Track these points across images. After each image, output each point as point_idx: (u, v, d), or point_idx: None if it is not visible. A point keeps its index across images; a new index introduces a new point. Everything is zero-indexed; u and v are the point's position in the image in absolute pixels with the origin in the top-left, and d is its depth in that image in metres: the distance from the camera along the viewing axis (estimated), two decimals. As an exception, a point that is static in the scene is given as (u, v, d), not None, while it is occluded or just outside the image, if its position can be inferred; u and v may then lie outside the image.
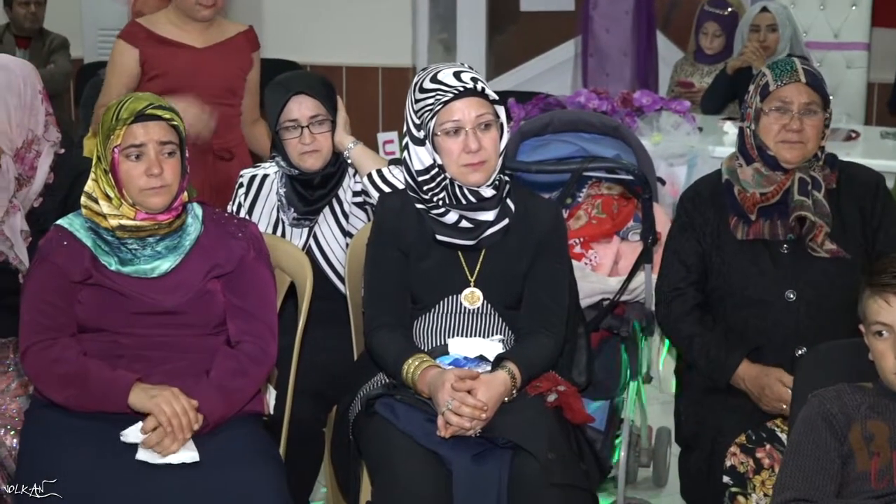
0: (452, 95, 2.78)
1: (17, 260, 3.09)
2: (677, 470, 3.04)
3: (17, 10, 6.54)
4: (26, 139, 3.05)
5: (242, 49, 3.84)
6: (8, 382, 3.02)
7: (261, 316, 2.79)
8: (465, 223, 2.85)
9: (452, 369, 2.72)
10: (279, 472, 2.65)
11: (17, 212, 3.05)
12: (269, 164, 3.35)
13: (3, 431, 2.91)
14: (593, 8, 6.05)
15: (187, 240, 2.77)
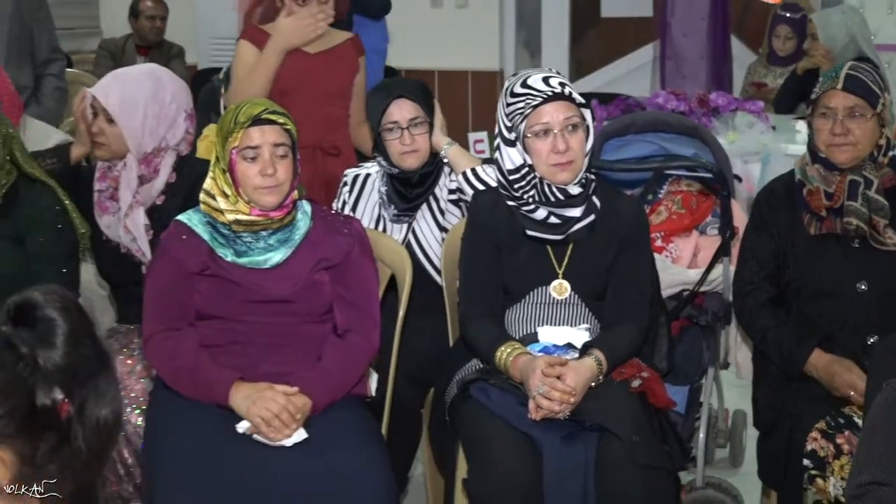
0: (542, 99, 2.76)
1: (139, 252, 3.14)
2: (755, 452, 3.01)
3: (142, 23, 6.64)
4: (157, 146, 3.10)
5: (349, 55, 3.85)
6: (133, 365, 3.07)
7: (365, 307, 2.79)
8: (553, 219, 2.83)
9: (543, 356, 2.71)
10: (383, 450, 2.67)
11: (140, 207, 3.11)
12: (371, 164, 3.36)
13: (129, 410, 2.96)
14: (671, 14, 5.98)
15: (297, 234, 2.79)
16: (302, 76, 3.71)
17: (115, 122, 3.08)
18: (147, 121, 3.10)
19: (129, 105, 3.09)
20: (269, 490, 2.47)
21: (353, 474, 2.51)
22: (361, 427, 2.70)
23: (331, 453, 2.55)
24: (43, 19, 4.35)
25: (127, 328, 3.24)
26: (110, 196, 3.13)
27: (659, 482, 2.60)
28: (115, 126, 3.08)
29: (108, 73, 3.30)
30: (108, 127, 3.08)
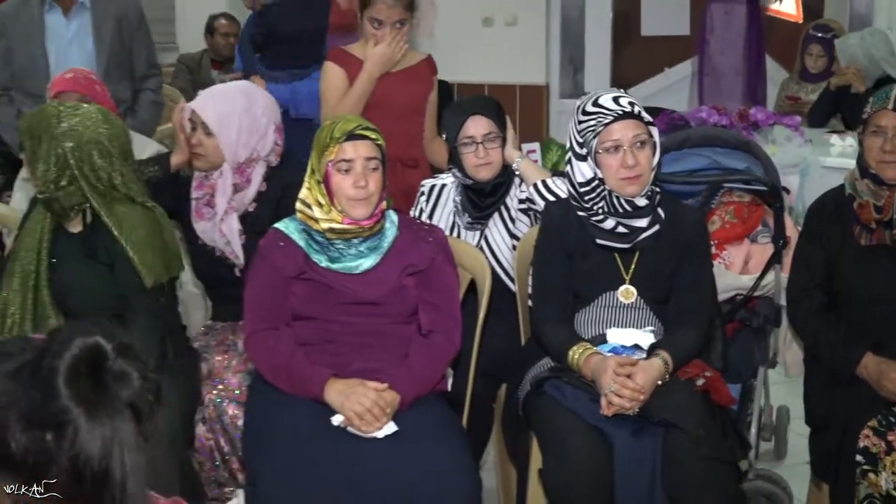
0: (612, 118, 2.79)
1: (233, 255, 3.19)
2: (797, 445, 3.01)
3: (217, 40, 6.71)
4: (249, 157, 3.15)
5: (424, 74, 3.88)
6: (229, 360, 3.11)
7: (447, 309, 2.82)
8: (621, 229, 2.85)
9: (613, 356, 2.73)
10: (465, 442, 2.70)
11: (234, 214, 3.16)
12: (446, 175, 3.38)
13: (226, 402, 3.00)
14: (710, 33, 5.98)
15: (385, 242, 2.82)
16: (383, 94, 3.74)
17: (213, 135, 3.12)
18: (241, 133, 3.15)
19: (225, 119, 3.14)
20: (363, 477, 2.50)
21: (440, 463, 2.54)
22: (445, 420, 2.73)
23: (419, 444, 2.57)
24: (142, 38, 4.40)
25: (222, 325, 3.29)
26: (206, 203, 3.18)
27: (722, 473, 2.62)
28: (212, 138, 3.12)
29: (205, 90, 3.34)
30: (206, 139, 3.13)
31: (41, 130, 2.85)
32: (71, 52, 4.27)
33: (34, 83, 4.19)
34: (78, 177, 2.84)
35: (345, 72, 3.78)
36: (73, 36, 4.29)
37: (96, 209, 2.86)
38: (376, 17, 3.69)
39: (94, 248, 2.90)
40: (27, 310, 2.88)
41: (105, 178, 2.86)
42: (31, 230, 2.95)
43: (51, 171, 2.84)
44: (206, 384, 3.03)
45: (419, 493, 2.49)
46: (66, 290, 2.89)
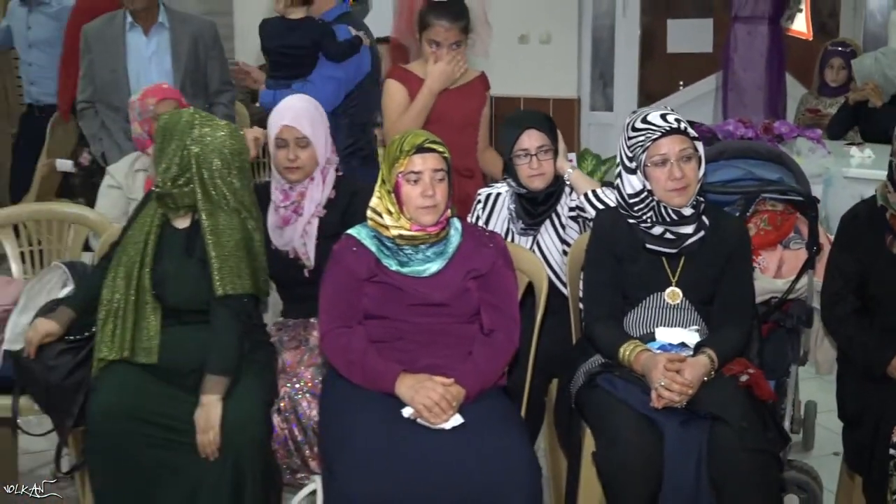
0: (660, 133, 2.81)
1: (305, 256, 3.21)
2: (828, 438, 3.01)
3: None
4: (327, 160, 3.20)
5: (479, 90, 3.91)
6: (302, 355, 3.13)
7: (507, 310, 2.84)
8: (668, 235, 2.87)
9: (662, 353, 2.75)
10: (525, 433, 2.73)
11: (316, 218, 3.18)
12: (501, 185, 3.41)
13: (300, 395, 3.03)
14: (734, 51, 5.96)
15: (450, 247, 2.85)
16: (441, 109, 3.76)
17: (310, 145, 3.16)
18: (326, 138, 3.23)
19: (316, 125, 3.20)
20: (432, 466, 2.52)
21: (504, 453, 2.56)
22: (506, 413, 2.76)
23: (483, 435, 2.60)
24: (216, 56, 4.44)
25: (293, 322, 3.31)
26: (294, 210, 3.20)
27: (763, 463, 2.62)
28: (308, 149, 3.16)
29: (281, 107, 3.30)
30: (302, 152, 3.16)
31: (174, 131, 2.90)
32: (150, 69, 4.32)
33: (116, 97, 4.26)
34: (195, 179, 2.88)
35: (405, 88, 3.80)
36: (152, 53, 4.34)
37: (200, 210, 2.90)
38: (434, 39, 3.72)
39: (194, 246, 2.93)
40: (130, 296, 2.91)
41: (220, 185, 2.90)
42: (141, 223, 2.99)
43: (172, 169, 2.89)
44: (282, 378, 3.06)
45: (485, 480, 2.51)
46: (164, 280, 2.92)
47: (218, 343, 2.86)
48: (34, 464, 3.73)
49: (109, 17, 4.44)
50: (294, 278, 3.27)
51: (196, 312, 2.92)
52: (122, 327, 2.90)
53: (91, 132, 4.34)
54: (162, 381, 2.88)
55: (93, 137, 4.33)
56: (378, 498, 2.47)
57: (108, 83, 4.28)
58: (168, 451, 2.80)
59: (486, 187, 3.45)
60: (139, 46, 4.33)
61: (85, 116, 4.35)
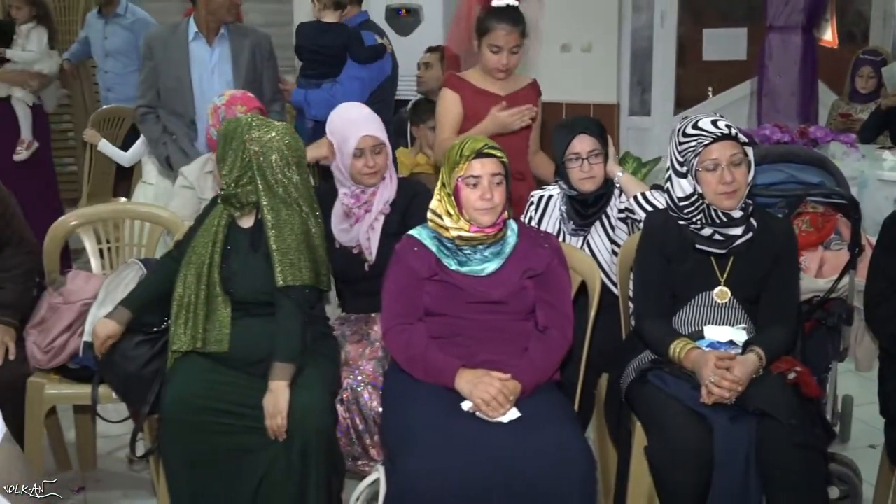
0: (712, 139, 2.71)
1: (368, 251, 3.15)
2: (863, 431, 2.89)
3: None
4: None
5: (531, 96, 3.80)
6: (364, 348, 3.08)
7: (561, 308, 2.76)
8: (717, 236, 2.77)
9: (712, 351, 2.66)
10: (578, 426, 2.65)
11: (382, 216, 3.13)
12: (552, 187, 3.32)
13: (362, 386, 2.97)
14: (769, 59, 5.83)
15: (507, 247, 2.77)
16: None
17: (385, 149, 3.12)
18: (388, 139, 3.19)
19: (382, 129, 3.16)
20: (491, 457, 2.45)
21: (560, 445, 2.48)
22: (561, 407, 2.68)
23: (540, 429, 2.52)
24: (271, 66, 4.39)
25: (355, 316, 3.26)
26: (366, 210, 3.14)
27: (811, 459, 2.53)
28: (383, 153, 3.12)
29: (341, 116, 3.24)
30: (378, 156, 3.11)
31: (234, 134, 2.87)
32: (213, 78, 4.27)
33: (179, 104, 4.21)
34: (257, 177, 2.84)
35: (459, 96, 3.72)
36: (215, 63, 4.28)
37: (263, 207, 2.86)
38: (495, 44, 3.61)
39: (259, 242, 2.89)
40: (200, 292, 2.87)
41: (281, 179, 2.85)
42: (209, 224, 2.95)
43: (235, 170, 2.85)
44: (344, 370, 3.00)
45: (541, 472, 2.44)
46: (232, 276, 2.89)
47: (282, 331, 2.82)
48: (111, 447, 3.72)
49: (172, 26, 4.39)
50: (356, 274, 3.21)
51: (263, 304, 2.88)
52: (194, 321, 2.87)
53: (153, 136, 4.27)
54: (232, 369, 2.85)
55: (155, 142, 4.27)
56: (439, 488, 2.40)
57: (172, 90, 4.22)
58: (238, 436, 2.77)
59: (538, 189, 3.36)
60: (203, 56, 4.27)
61: (146, 121, 4.28)
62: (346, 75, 4.56)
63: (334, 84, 4.56)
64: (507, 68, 3.66)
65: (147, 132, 4.32)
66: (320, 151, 3.22)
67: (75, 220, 3.47)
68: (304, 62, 4.67)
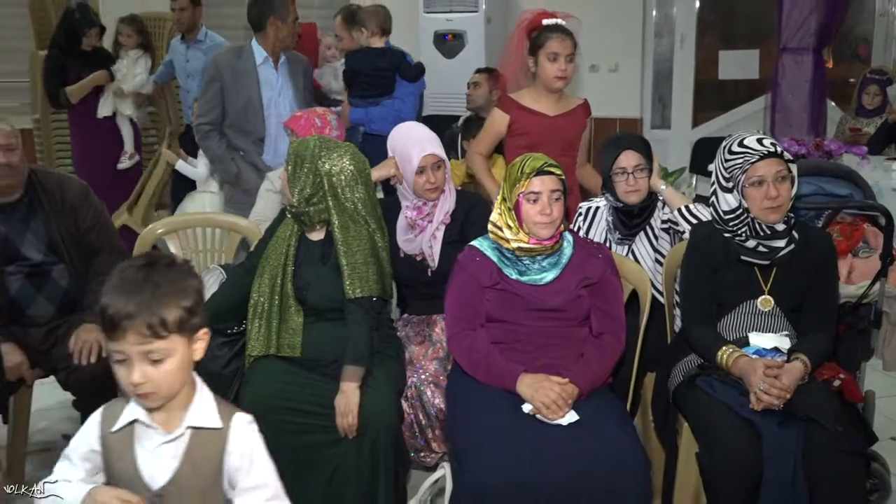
0: (759, 157, 2.46)
1: (431, 258, 2.95)
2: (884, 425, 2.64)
3: None
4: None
5: (580, 116, 3.57)
6: (426, 349, 2.88)
7: (614, 314, 2.53)
8: (761, 248, 2.52)
9: (760, 359, 2.41)
10: (633, 426, 2.42)
11: (443, 226, 2.93)
12: (599, 199, 3.08)
13: (424, 384, 2.77)
14: (781, 77, 5.54)
15: (564, 258, 2.54)
16: (545, 133, 3.44)
17: (444, 164, 2.92)
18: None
19: (442, 147, 2.97)
20: (552, 458, 2.23)
21: (617, 445, 2.26)
22: (616, 409, 2.45)
23: (597, 430, 2.30)
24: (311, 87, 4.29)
25: (417, 318, 3.05)
26: (428, 221, 2.94)
27: (856, 465, 2.29)
28: (442, 168, 2.92)
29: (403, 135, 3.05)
30: (438, 172, 2.91)
31: (304, 156, 2.68)
32: (280, 99, 4.09)
33: (249, 122, 4.01)
34: (328, 196, 2.66)
35: (508, 116, 3.50)
36: (280, 85, 4.10)
37: (333, 224, 2.66)
38: (553, 51, 3.38)
39: (328, 255, 2.71)
40: (274, 301, 2.70)
41: (350, 197, 2.67)
42: (280, 238, 2.77)
43: (306, 189, 2.66)
44: (408, 369, 2.80)
45: (599, 471, 2.21)
46: (304, 286, 2.71)
47: (353, 338, 2.62)
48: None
49: (236, 50, 4.17)
50: (419, 279, 3.01)
51: (333, 310, 2.69)
52: (267, 327, 2.70)
53: (217, 153, 4.03)
54: (306, 371, 2.66)
55: (219, 158, 4.04)
56: (504, 486, 2.18)
57: (241, 110, 4.01)
58: (311, 434, 2.57)
59: (585, 201, 3.13)
60: (271, 79, 4.07)
61: (210, 137, 4.03)
62: (401, 92, 4.42)
63: (393, 101, 4.40)
64: (565, 75, 3.42)
65: (212, 149, 4.06)
66: (387, 171, 3.00)
67: (162, 227, 3.29)
68: (358, 84, 4.46)
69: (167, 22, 5.90)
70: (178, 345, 1.58)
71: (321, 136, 2.92)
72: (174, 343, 1.57)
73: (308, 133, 3.23)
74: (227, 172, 4.06)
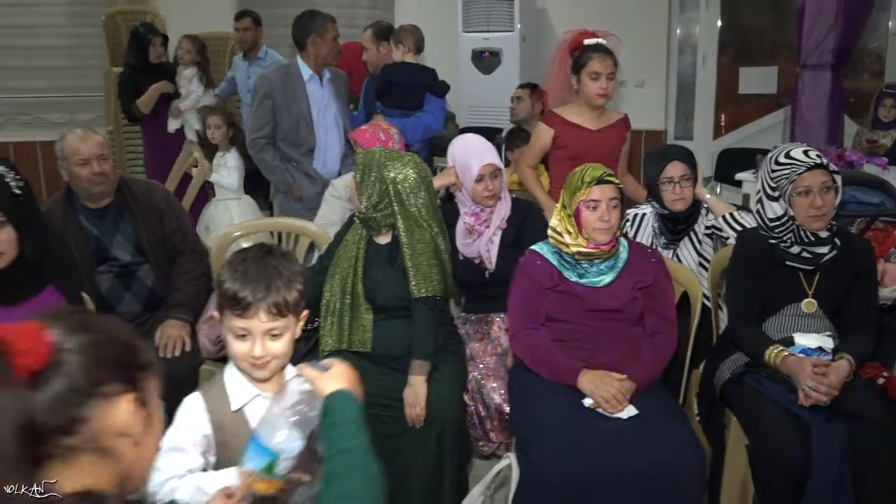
0: (805, 168, 2.42)
1: (489, 260, 2.92)
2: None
3: None
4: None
5: (621, 130, 3.53)
6: (486, 345, 2.86)
7: (667, 315, 2.50)
8: (805, 254, 2.48)
9: (807, 358, 2.37)
10: (687, 420, 2.38)
11: (500, 231, 2.90)
12: (645, 206, 3.04)
13: (484, 378, 2.75)
14: (801, 92, 5.46)
15: (620, 262, 2.51)
16: (587, 146, 3.40)
17: (501, 173, 2.89)
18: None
19: (499, 157, 2.94)
20: (614, 449, 2.21)
21: (674, 438, 2.24)
22: (670, 403, 2.43)
23: (655, 423, 2.28)
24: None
25: (476, 316, 3.02)
26: (485, 226, 2.91)
27: (900, 458, 2.24)
28: (499, 176, 2.89)
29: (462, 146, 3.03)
30: (496, 180, 2.88)
31: (371, 166, 2.66)
32: (326, 112, 4.08)
33: (300, 135, 4.01)
34: (394, 202, 2.64)
35: (552, 130, 3.47)
36: (327, 100, 4.09)
37: (399, 228, 2.65)
38: (594, 71, 3.34)
39: (395, 257, 2.69)
40: (345, 300, 2.69)
41: (414, 202, 2.65)
42: (350, 241, 2.76)
43: (374, 196, 2.65)
44: (469, 364, 2.78)
45: (659, 462, 2.18)
46: (373, 286, 2.69)
47: (420, 335, 2.61)
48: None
49: (284, 68, 4.17)
50: (477, 281, 2.98)
51: (400, 308, 2.67)
52: (339, 325, 2.69)
53: (272, 164, 4.01)
54: (376, 365, 2.65)
55: (273, 168, 4.02)
56: (569, 475, 2.16)
57: (293, 124, 3.99)
58: (381, 424, 2.55)
59: (632, 208, 3.09)
60: (317, 94, 4.07)
61: (265, 150, 4.01)
62: (431, 107, 4.36)
63: (424, 114, 4.35)
64: (607, 92, 3.38)
65: (267, 161, 4.04)
66: (448, 180, 2.98)
67: (238, 231, 3.28)
68: (393, 96, 4.39)
69: (228, 41, 5.92)
70: (291, 323, 1.69)
71: (386, 147, 2.91)
72: (290, 321, 1.68)
73: (373, 145, 3.22)
74: (283, 182, 4.05)
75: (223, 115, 4.61)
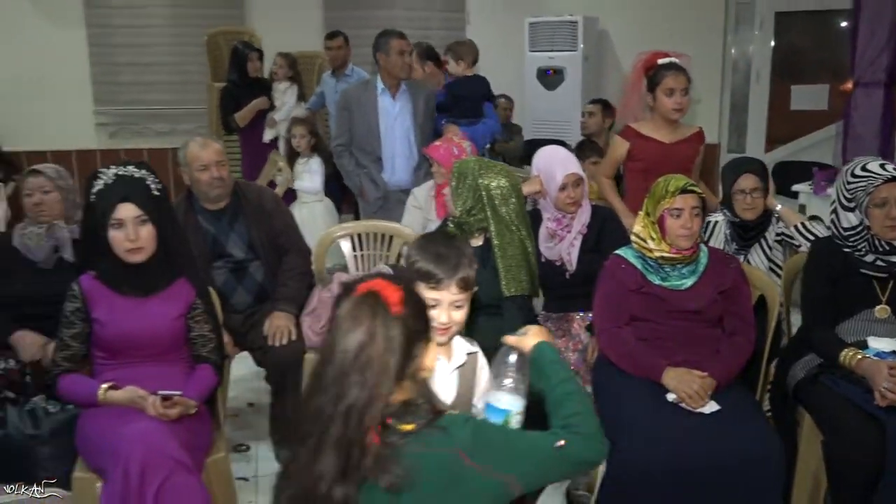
0: (882, 181, 2.35)
1: (569, 263, 2.90)
2: None
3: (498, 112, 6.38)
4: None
5: (694, 143, 3.47)
6: (568, 342, 2.84)
7: (745, 317, 2.45)
8: (879, 262, 2.41)
9: (883, 360, 2.29)
10: (767, 419, 2.33)
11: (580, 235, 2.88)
12: (718, 214, 2.99)
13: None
14: (854, 108, 5.29)
15: (700, 266, 2.47)
16: (661, 158, 3.34)
17: (583, 182, 2.87)
18: None
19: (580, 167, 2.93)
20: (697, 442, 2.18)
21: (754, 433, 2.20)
22: (750, 400, 2.38)
23: (736, 418, 2.24)
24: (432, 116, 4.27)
25: (556, 315, 3.00)
26: (567, 231, 2.90)
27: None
28: (581, 185, 2.86)
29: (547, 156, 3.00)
30: (577, 189, 2.86)
31: (466, 173, 2.68)
32: (395, 125, 4.09)
33: (369, 145, 4.05)
34: (487, 207, 2.65)
35: (628, 143, 3.43)
36: (397, 113, 4.09)
37: (490, 231, 2.65)
38: (669, 87, 3.30)
39: (487, 259, 2.68)
40: None
41: (505, 210, 2.65)
42: None
43: (468, 202, 2.66)
44: (552, 358, 2.76)
45: (741, 458, 2.15)
46: None
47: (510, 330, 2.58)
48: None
49: (364, 82, 4.22)
50: (558, 282, 2.96)
51: (491, 306, 2.67)
52: None
53: (349, 169, 4.12)
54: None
55: (349, 174, 4.13)
56: (652, 467, 2.14)
57: (364, 134, 4.05)
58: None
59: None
60: (388, 107, 4.08)
61: (342, 156, 4.12)
62: (490, 112, 4.42)
63: (488, 120, 4.39)
64: (682, 107, 3.33)
65: (344, 165, 4.14)
66: (534, 187, 2.97)
67: (338, 231, 3.32)
68: (461, 108, 4.38)
69: (316, 59, 6.01)
70: (467, 296, 1.86)
71: (479, 157, 2.92)
72: (467, 295, 1.85)
73: (448, 160, 3.25)
74: (354, 186, 4.15)
75: (307, 126, 4.70)
